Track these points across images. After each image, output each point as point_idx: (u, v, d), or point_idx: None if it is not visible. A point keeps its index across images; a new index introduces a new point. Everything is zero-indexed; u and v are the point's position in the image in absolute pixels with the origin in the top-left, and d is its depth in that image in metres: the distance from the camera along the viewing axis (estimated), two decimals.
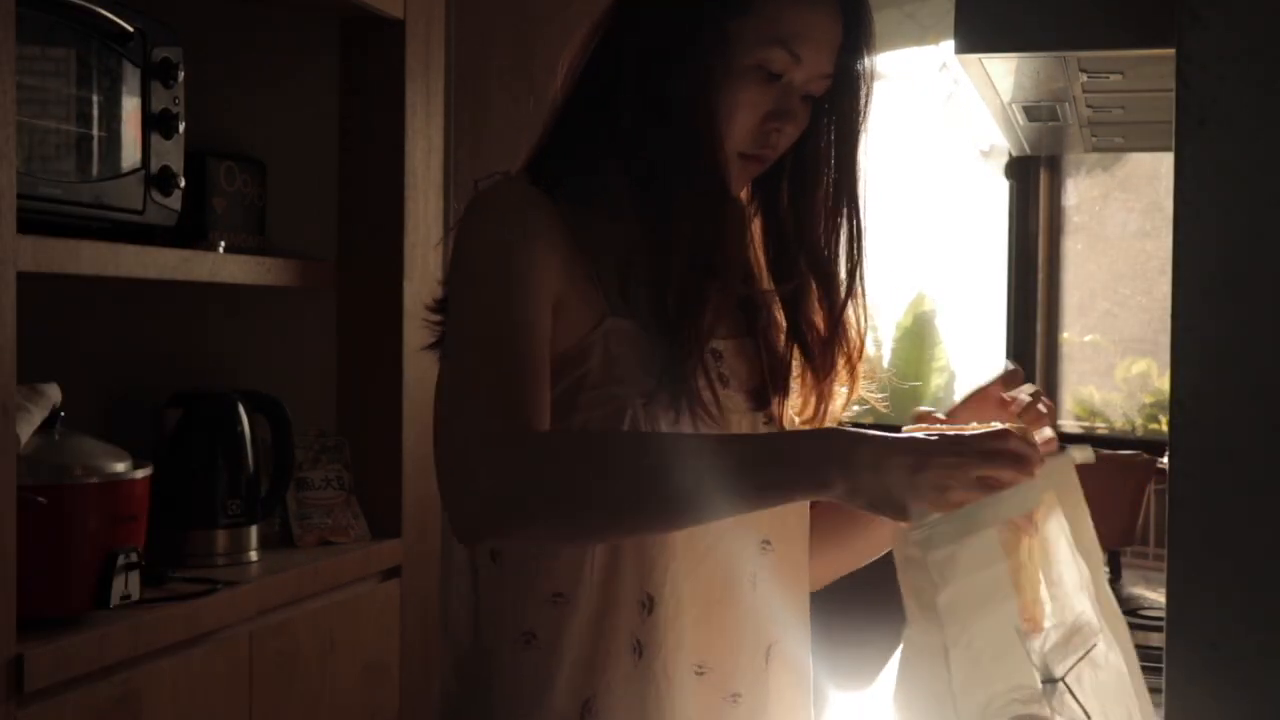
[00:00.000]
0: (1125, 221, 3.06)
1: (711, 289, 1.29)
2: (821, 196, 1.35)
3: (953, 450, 1.13)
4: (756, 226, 1.41)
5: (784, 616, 1.37)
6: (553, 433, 1.21)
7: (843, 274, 1.36)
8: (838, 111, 1.33)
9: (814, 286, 1.36)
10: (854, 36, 1.31)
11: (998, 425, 1.19)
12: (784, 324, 1.39)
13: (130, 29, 1.91)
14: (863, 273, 1.36)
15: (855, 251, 1.35)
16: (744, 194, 1.40)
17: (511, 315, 1.23)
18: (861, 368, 1.39)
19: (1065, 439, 1.22)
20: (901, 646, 1.17)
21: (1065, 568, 1.18)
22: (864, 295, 1.37)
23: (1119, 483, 2.35)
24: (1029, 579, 1.16)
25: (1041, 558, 1.17)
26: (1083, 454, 1.18)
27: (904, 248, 3.49)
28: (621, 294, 1.29)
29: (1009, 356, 3.03)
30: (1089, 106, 1.82)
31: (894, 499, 1.12)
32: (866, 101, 1.33)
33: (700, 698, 1.31)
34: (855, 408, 1.41)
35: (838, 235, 1.35)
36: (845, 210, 1.35)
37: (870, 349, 1.41)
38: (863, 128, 1.34)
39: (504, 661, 1.29)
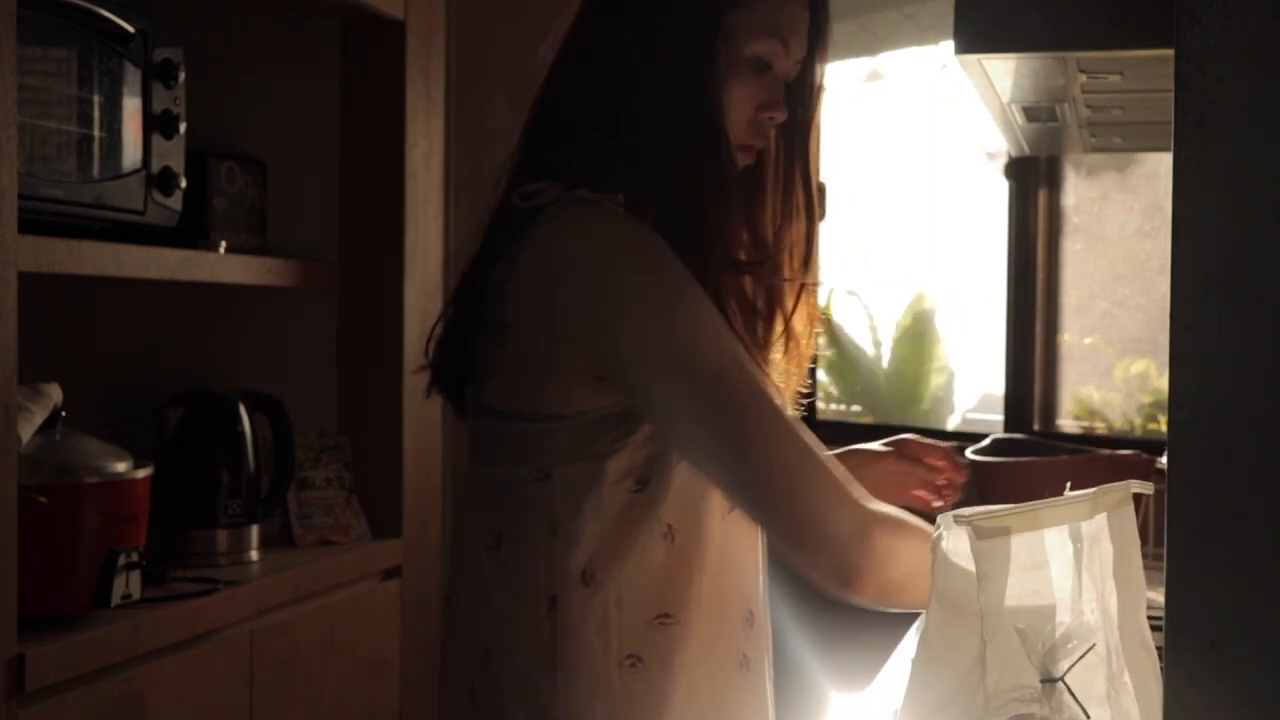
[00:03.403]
0: (1124, 222, 3.06)
1: (737, 282, 1.30)
2: (771, 183, 1.35)
3: None
4: None
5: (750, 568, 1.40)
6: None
7: (793, 264, 1.34)
8: (793, 96, 1.34)
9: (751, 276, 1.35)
10: (817, 22, 1.34)
11: None
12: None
13: (131, 30, 1.91)
14: (815, 260, 1.36)
15: (810, 240, 1.35)
16: None
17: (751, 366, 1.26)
18: (804, 361, 1.38)
19: (1065, 440, 1.22)
20: (917, 647, 1.16)
21: (1096, 583, 1.17)
22: (814, 285, 1.36)
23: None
24: None
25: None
26: (1141, 485, 1.18)
27: (904, 248, 3.49)
28: None
29: (1008, 356, 3.03)
30: (1088, 107, 1.82)
31: None
32: (821, 87, 1.35)
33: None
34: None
35: (789, 222, 1.35)
36: (799, 197, 1.35)
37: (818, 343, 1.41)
38: (816, 112, 1.36)
39: (607, 686, 1.25)
